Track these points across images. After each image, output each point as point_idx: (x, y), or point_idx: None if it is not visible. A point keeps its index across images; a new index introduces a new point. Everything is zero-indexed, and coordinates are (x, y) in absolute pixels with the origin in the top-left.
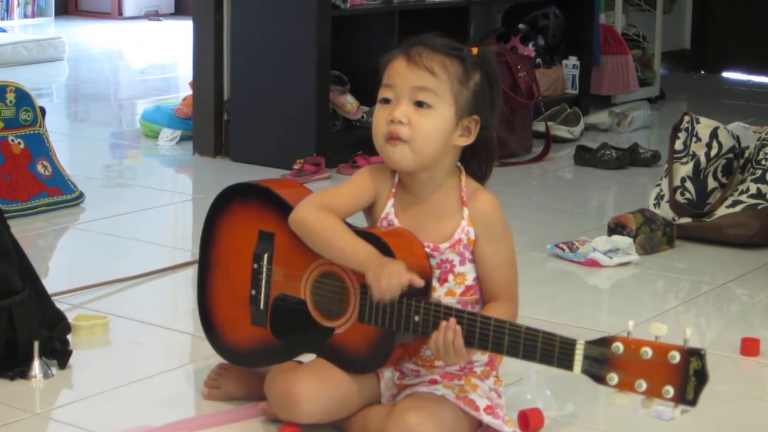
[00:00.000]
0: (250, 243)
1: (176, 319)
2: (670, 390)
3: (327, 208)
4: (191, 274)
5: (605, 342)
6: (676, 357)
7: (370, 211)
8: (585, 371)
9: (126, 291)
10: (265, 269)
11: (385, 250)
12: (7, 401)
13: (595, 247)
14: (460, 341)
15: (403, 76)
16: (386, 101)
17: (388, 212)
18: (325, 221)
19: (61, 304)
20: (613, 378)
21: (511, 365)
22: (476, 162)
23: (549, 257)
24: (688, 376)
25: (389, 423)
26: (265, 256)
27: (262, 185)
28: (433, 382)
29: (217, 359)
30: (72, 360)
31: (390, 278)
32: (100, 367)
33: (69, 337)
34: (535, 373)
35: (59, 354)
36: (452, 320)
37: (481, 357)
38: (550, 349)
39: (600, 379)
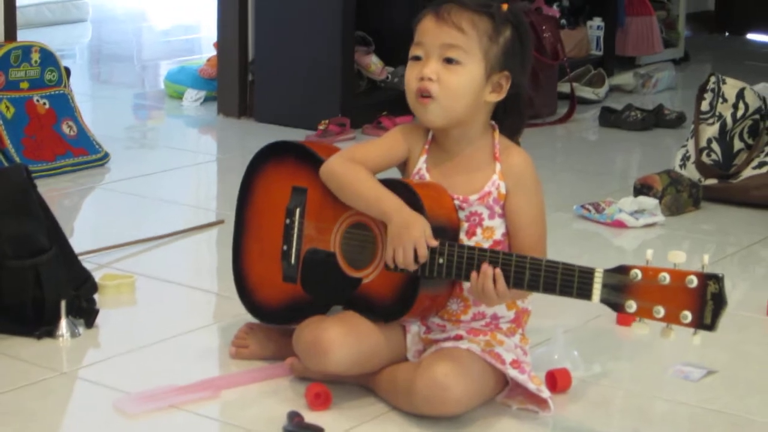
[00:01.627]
0: (283, 199)
1: (202, 279)
2: (687, 315)
3: (357, 161)
4: (216, 233)
5: (623, 270)
6: (693, 281)
7: (403, 168)
8: (603, 300)
9: (151, 251)
10: (297, 224)
11: (414, 198)
12: (34, 360)
13: (621, 208)
14: (502, 285)
15: (432, 33)
16: (417, 59)
17: (420, 167)
18: (353, 171)
19: (87, 263)
20: (632, 305)
21: (538, 323)
22: (508, 119)
23: (575, 218)
24: (705, 300)
25: (416, 375)
26: (297, 210)
27: (296, 142)
28: (459, 337)
29: (243, 318)
30: (98, 319)
31: (407, 250)
32: (126, 326)
33: (95, 296)
34: (563, 333)
35: (86, 313)
36: (496, 270)
37: (507, 313)
38: (569, 280)
39: (618, 307)
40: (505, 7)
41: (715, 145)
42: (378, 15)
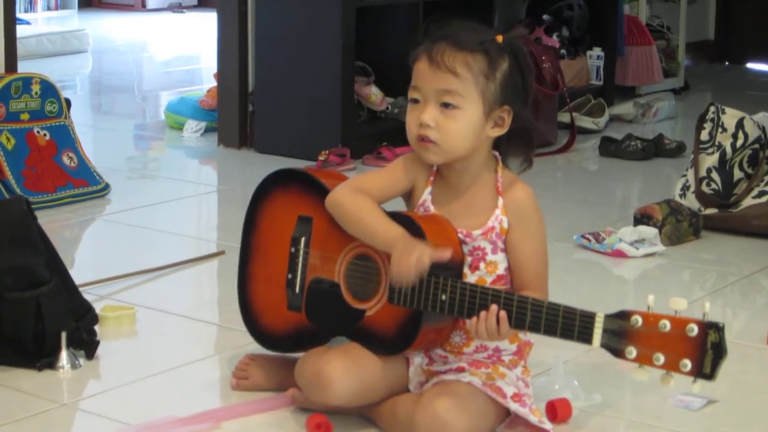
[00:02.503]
0: (289, 228)
1: (202, 310)
2: (687, 363)
3: (362, 191)
4: (217, 264)
5: (624, 315)
6: (694, 330)
7: (409, 198)
8: (604, 345)
9: (152, 282)
10: (302, 253)
11: (417, 231)
12: (35, 392)
13: (621, 238)
14: (506, 326)
15: (427, 78)
16: (415, 101)
17: (425, 199)
18: (358, 202)
19: (88, 295)
20: (632, 351)
21: (539, 355)
22: (513, 149)
23: (575, 248)
24: (705, 349)
25: (417, 410)
26: (303, 239)
27: (302, 170)
28: (461, 369)
29: (245, 349)
30: (99, 351)
31: (409, 262)
32: (127, 358)
33: (96, 327)
34: (563, 363)
35: (86, 345)
36: (501, 312)
37: (509, 346)
38: (571, 323)
39: (618, 353)
40: (500, 39)
41: (714, 175)
42: (378, 46)
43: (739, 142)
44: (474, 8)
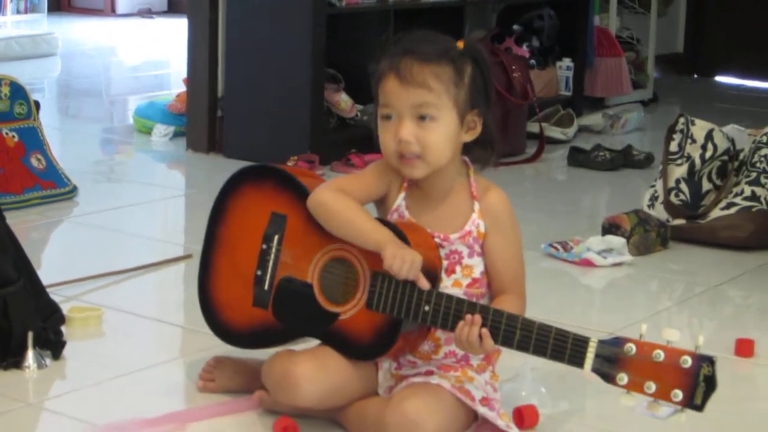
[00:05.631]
0: (261, 224)
1: (169, 312)
2: (678, 393)
3: (346, 192)
4: (183, 268)
5: (618, 342)
6: (687, 361)
7: (381, 202)
8: (595, 370)
9: (119, 284)
10: (274, 250)
11: (401, 236)
12: (0, 391)
13: (589, 247)
14: (488, 343)
15: (399, 96)
16: (388, 117)
17: (399, 205)
18: (344, 201)
19: (55, 295)
20: (623, 378)
21: (507, 361)
22: (478, 149)
23: (543, 257)
24: (698, 382)
25: (387, 411)
26: (276, 237)
27: (280, 168)
28: (429, 373)
29: (211, 352)
30: (65, 351)
31: (408, 260)
32: (93, 359)
33: (63, 328)
34: (531, 371)
35: (53, 345)
36: (483, 329)
37: None
38: (562, 347)
39: (609, 378)
40: (461, 45)
41: (683, 186)
42: (348, 53)
43: (708, 154)
44: (445, 17)
